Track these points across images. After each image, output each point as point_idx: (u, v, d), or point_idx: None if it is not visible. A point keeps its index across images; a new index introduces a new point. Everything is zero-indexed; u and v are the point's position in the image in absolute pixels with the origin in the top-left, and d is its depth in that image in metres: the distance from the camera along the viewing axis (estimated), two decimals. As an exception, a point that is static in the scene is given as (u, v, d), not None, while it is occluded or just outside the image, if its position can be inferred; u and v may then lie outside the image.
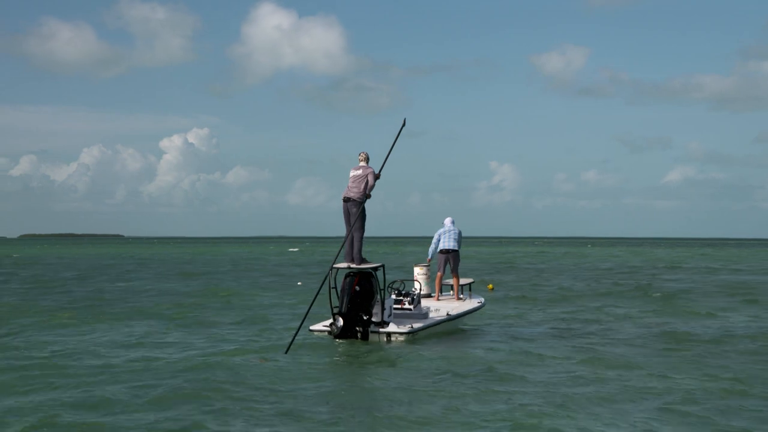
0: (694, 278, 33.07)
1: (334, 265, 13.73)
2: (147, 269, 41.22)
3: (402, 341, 13.31)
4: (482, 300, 16.30)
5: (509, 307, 19.84)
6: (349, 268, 13.55)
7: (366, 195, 13.62)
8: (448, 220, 16.17)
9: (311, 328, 13.75)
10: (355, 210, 13.64)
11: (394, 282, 14.20)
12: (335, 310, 13.42)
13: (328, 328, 13.39)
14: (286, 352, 11.98)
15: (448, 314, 14.67)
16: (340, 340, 13.06)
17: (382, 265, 13.88)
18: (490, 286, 25.93)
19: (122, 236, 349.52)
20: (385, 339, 13.39)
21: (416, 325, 13.67)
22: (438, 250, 16.03)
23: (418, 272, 15.90)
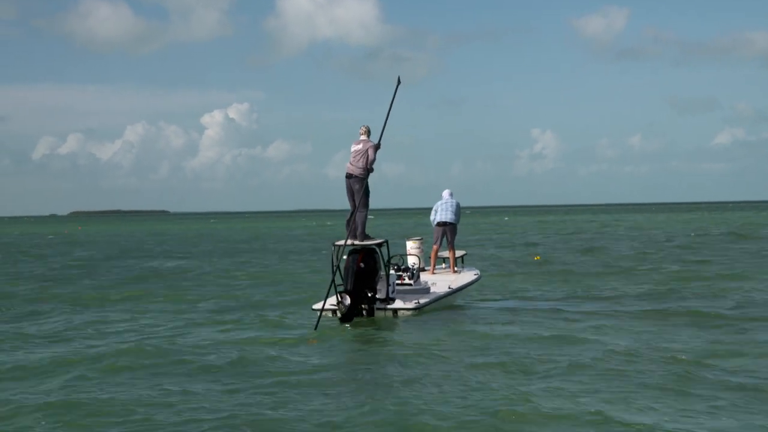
0: None
1: (336, 243, 13.59)
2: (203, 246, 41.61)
3: (409, 316, 13.16)
4: (478, 272, 16.07)
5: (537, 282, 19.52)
6: (352, 245, 13.37)
7: (368, 169, 13.40)
8: (446, 192, 15.89)
9: (314, 307, 13.58)
10: (358, 187, 13.42)
11: (393, 257, 13.93)
12: (340, 288, 13.23)
13: (335, 307, 13.18)
14: (315, 329, 12.03)
15: (450, 287, 14.47)
16: (346, 323, 12.77)
17: (386, 241, 13.70)
18: (537, 257, 25.53)
19: (167, 212, 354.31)
20: (391, 315, 13.24)
21: (422, 300, 13.50)
22: (435, 222, 15.77)
23: (411, 246, 15.56)
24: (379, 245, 13.52)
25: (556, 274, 20.88)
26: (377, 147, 13.43)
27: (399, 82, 13.40)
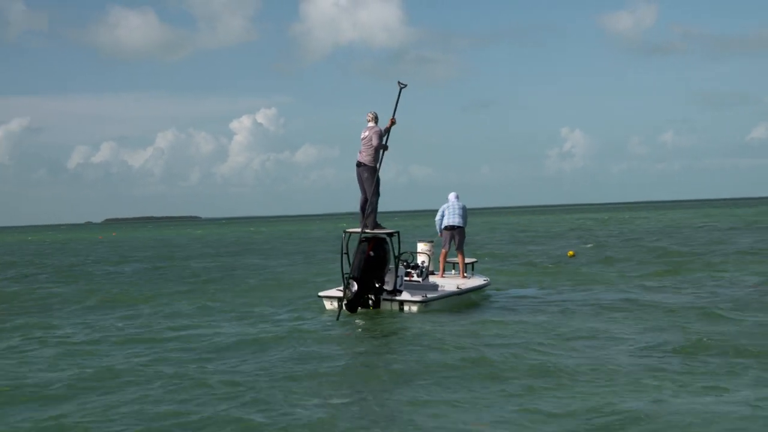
0: None
1: (347, 230, 13.31)
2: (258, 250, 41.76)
3: (415, 311, 12.78)
4: (488, 279, 15.54)
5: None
6: (363, 232, 13.06)
7: (381, 148, 13.02)
8: (452, 195, 15.44)
9: (320, 294, 13.37)
10: (368, 175, 13.18)
11: (403, 253, 13.53)
12: (347, 275, 12.92)
13: (340, 294, 12.89)
14: (337, 319, 11.97)
15: (458, 287, 14.05)
16: (350, 313, 12.52)
17: (397, 232, 13.37)
18: (571, 252, 25.12)
19: (198, 217, 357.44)
20: (397, 307, 12.88)
21: (430, 295, 13.13)
22: (443, 226, 15.31)
23: (422, 248, 15.04)
24: (390, 235, 13.20)
25: (581, 271, 20.30)
26: (381, 134, 13.12)
27: (402, 86, 13.18)
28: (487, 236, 42.86)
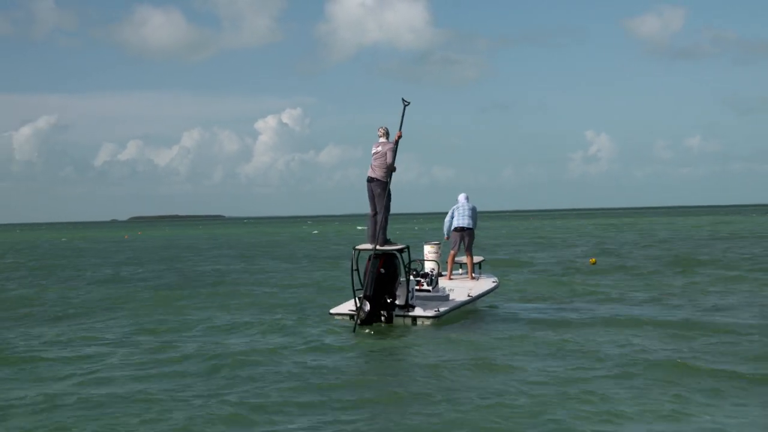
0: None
1: (357, 247, 13.45)
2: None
3: (428, 325, 12.94)
4: (496, 279, 15.72)
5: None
6: (373, 249, 13.21)
7: (390, 170, 13.21)
8: (462, 196, 15.59)
9: (332, 311, 13.49)
10: (380, 191, 13.29)
11: (412, 262, 13.69)
12: (359, 294, 13.11)
13: (352, 312, 13.05)
14: (354, 331, 12.07)
15: (469, 295, 14.21)
16: (364, 327, 12.67)
17: (407, 247, 13.50)
18: (593, 260, 25.18)
19: (223, 216, 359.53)
20: (411, 322, 13.03)
21: (442, 309, 13.27)
22: (452, 227, 15.47)
23: (429, 251, 15.18)
24: (401, 251, 13.34)
25: (592, 282, 20.32)
26: (395, 150, 13.29)
27: (406, 103, 13.28)
28: (505, 241, 42.80)
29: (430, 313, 13.05)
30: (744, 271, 21.13)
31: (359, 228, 75.56)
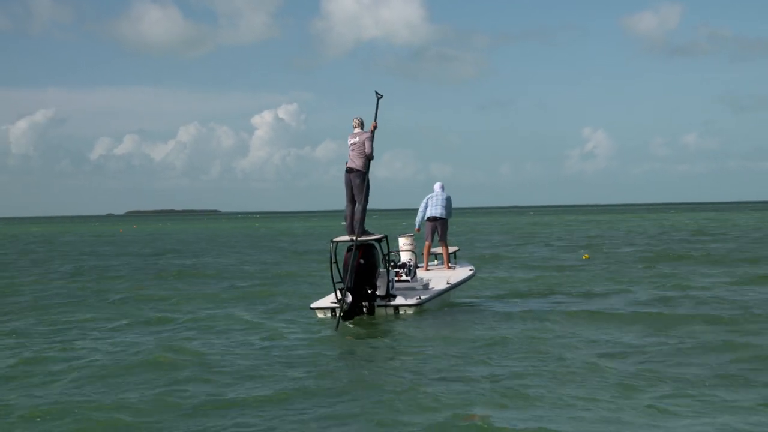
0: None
1: (335, 239, 13.31)
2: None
3: (410, 314, 12.85)
4: (473, 267, 15.64)
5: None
6: (351, 240, 13.06)
7: (369, 158, 13.08)
8: (437, 185, 15.38)
9: (313, 305, 13.31)
10: (359, 181, 13.13)
11: (390, 253, 13.51)
12: (339, 285, 12.91)
13: (335, 305, 12.88)
14: (336, 329, 11.82)
15: (448, 282, 14.13)
16: (346, 322, 12.44)
17: (385, 237, 13.37)
18: (586, 255, 25.03)
19: (219, 211, 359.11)
20: (392, 312, 12.93)
21: (423, 297, 13.18)
22: (425, 217, 15.29)
23: (404, 242, 14.87)
24: (379, 240, 13.21)
25: (581, 277, 20.23)
26: (371, 139, 13.12)
27: (379, 96, 13.17)
28: (499, 239, 42.72)
29: (412, 301, 12.95)
30: (720, 265, 21.08)
31: (342, 224, 75.45)
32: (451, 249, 15.91)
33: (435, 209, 15.13)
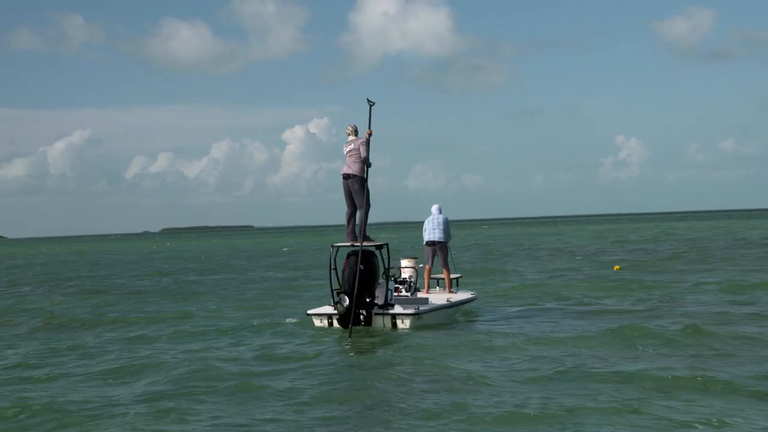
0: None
1: (335, 244, 13.14)
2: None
3: (408, 324, 12.48)
4: (475, 293, 15.10)
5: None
6: (352, 246, 12.87)
7: (365, 164, 12.96)
8: (434, 208, 14.82)
9: (309, 312, 13.14)
10: (358, 186, 12.99)
11: (391, 268, 13.19)
12: (337, 290, 12.70)
13: (332, 311, 12.69)
14: (350, 336, 11.71)
15: (448, 300, 13.77)
16: (343, 324, 12.30)
17: (386, 244, 13.14)
18: (617, 267, 24.64)
19: (252, 227, 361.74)
20: (390, 323, 12.60)
21: (422, 307, 12.87)
22: (424, 242, 14.77)
23: (406, 264, 14.48)
24: (379, 247, 12.99)
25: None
26: (367, 145, 13.00)
27: (371, 103, 13.05)
28: (518, 250, 42.15)
29: (410, 310, 12.65)
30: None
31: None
32: (454, 276, 15.41)
33: (433, 233, 14.61)
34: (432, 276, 14.92)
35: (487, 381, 8.53)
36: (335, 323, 12.63)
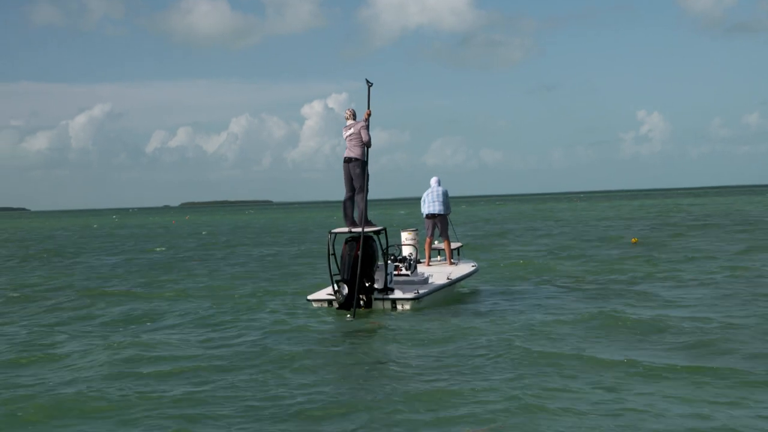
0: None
1: (333, 230, 13.08)
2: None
3: (408, 308, 12.52)
4: (476, 264, 15.21)
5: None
6: (349, 232, 12.83)
7: (367, 146, 12.96)
8: (433, 180, 15.07)
9: (309, 297, 13.12)
10: (359, 171, 12.98)
11: (390, 246, 13.28)
12: (336, 278, 12.72)
13: (331, 297, 12.68)
14: (353, 317, 11.83)
15: (448, 278, 13.72)
16: (343, 310, 12.29)
17: (384, 229, 13.09)
18: (635, 239, 24.65)
19: (271, 202, 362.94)
20: (390, 306, 12.63)
21: (422, 291, 12.82)
22: (424, 214, 14.98)
23: (406, 237, 14.72)
24: (377, 232, 12.93)
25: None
26: (367, 128, 13.00)
27: (369, 84, 13.06)
28: (543, 225, 41.90)
29: (410, 295, 12.62)
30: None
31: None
32: (455, 245, 15.58)
33: (432, 206, 14.89)
34: (433, 247, 15.05)
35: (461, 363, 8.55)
36: (335, 305, 12.61)
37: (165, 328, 11.78)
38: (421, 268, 14.48)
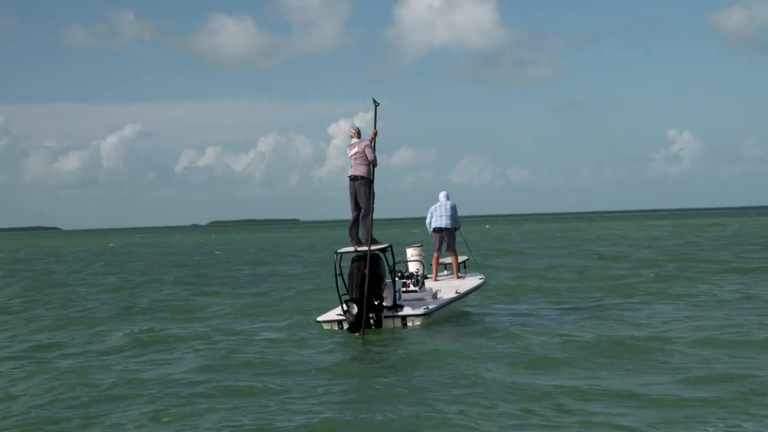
0: None
1: (339, 250, 13.07)
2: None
3: (418, 324, 12.51)
4: (483, 276, 15.20)
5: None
6: (355, 251, 12.85)
7: (373, 165, 13.04)
8: (442, 195, 15.10)
9: (319, 319, 13.04)
10: (365, 189, 13.04)
11: (397, 263, 13.28)
12: (345, 297, 12.68)
13: (341, 317, 12.61)
14: (363, 336, 11.85)
15: (457, 292, 13.75)
16: (354, 333, 12.19)
17: (390, 246, 13.12)
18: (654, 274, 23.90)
19: (298, 220, 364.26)
20: (400, 323, 12.61)
21: (431, 306, 12.84)
22: (431, 229, 14.99)
23: (412, 253, 14.71)
24: (383, 250, 12.96)
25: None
26: (372, 146, 13.09)
27: (376, 104, 13.15)
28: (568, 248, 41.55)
29: (420, 311, 12.64)
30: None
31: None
32: (461, 258, 15.59)
33: (440, 220, 14.90)
34: (440, 261, 15.15)
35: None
36: (345, 325, 12.56)
37: (164, 351, 11.61)
38: (429, 284, 14.49)
